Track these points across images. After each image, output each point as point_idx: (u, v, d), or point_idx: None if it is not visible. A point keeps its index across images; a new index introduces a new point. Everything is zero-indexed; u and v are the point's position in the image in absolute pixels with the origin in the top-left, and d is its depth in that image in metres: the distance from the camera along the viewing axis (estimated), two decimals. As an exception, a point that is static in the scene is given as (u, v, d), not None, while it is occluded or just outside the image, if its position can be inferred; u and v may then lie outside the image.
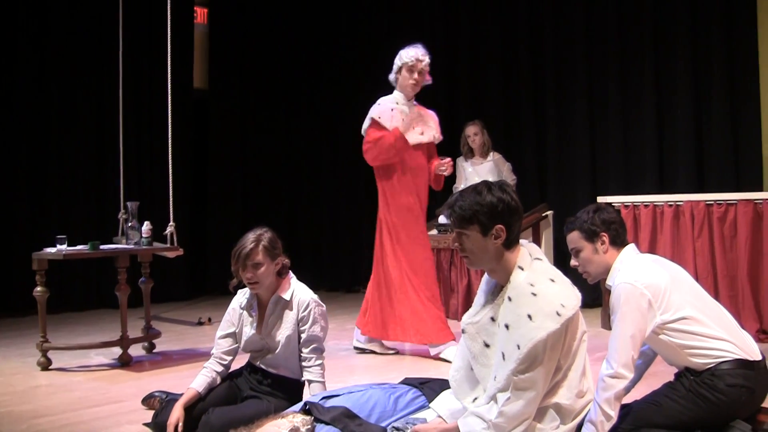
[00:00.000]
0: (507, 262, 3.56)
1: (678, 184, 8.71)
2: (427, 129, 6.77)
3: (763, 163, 8.47)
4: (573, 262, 4.05)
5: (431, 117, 6.88)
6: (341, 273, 11.64)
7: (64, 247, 6.36)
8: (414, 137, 6.67)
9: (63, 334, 7.79)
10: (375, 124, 6.68)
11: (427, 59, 6.63)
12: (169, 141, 7.26)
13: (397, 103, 6.70)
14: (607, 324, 7.77)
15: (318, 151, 11.84)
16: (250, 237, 4.50)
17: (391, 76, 6.77)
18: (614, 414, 3.57)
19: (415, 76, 6.59)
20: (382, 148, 6.59)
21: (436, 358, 6.54)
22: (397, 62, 6.67)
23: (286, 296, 4.52)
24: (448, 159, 6.73)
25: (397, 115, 6.64)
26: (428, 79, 6.72)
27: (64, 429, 4.77)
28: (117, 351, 6.67)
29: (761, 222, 7.04)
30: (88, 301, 9.98)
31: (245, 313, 4.64)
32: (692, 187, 8.53)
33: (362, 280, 11.47)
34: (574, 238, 4.01)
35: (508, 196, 3.56)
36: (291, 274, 4.65)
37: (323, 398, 4.04)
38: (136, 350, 6.93)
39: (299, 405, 4.06)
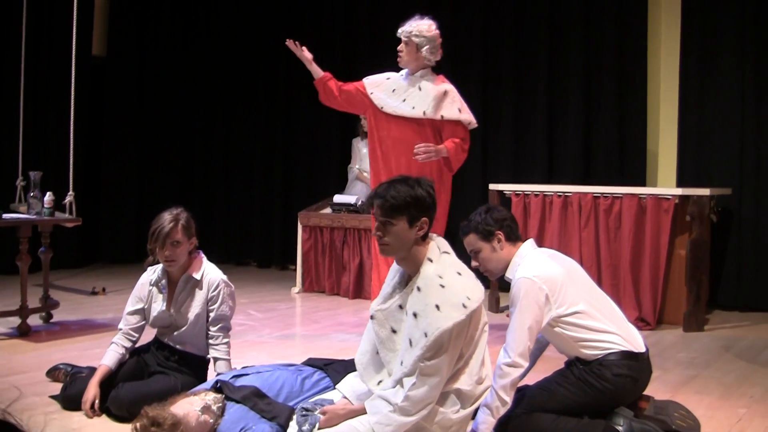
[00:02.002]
0: (418, 254, 3.78)
1: (565, 175, 9.03)
2: (420, 104, 6.23)
3: (647, 158, 8.85)
4: (473, 263, 4.25)
5: (432, 92, 6.25)
6: (231, 246, 11.72)
7: (-37, 214, 6.31)
8: (393, 106, 6.29)
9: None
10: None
11: (404, 29, 6.25)
12: (71, 108, 7.25)
13: (401, 75, 6.40)
14: (494, 307, 8.07)
15: (214, 122, 11.85)
16: (168, 216, 4.58)
17: None
18: (509, 400, 3.81)
19: (398, 47, 6.31)
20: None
21: None
22: None
23: (197, 276, 4.64)
24: (425, 144, 6.13)
25: (384, 82, 6.40)
26: (403, 51, 6.30)
27: (-33, 400, 4.74)
28: (13, 320, 6.66)
29: (644, 216, 7.39)
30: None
31: (155, 289, 4.73)
32: (579, 178, 8.86)
33: (253, 254, 11.60)
34: (471, 240, 4.21)
35: (433, 191, 3.82)
36: (202, 254, 4.76)
37: (233, 377, 4.18)
38: (33, 320, 6.89)
39: (210, 383, 4.20)
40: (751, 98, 8.23)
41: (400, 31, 6.29)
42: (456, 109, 6.31)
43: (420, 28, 6.25)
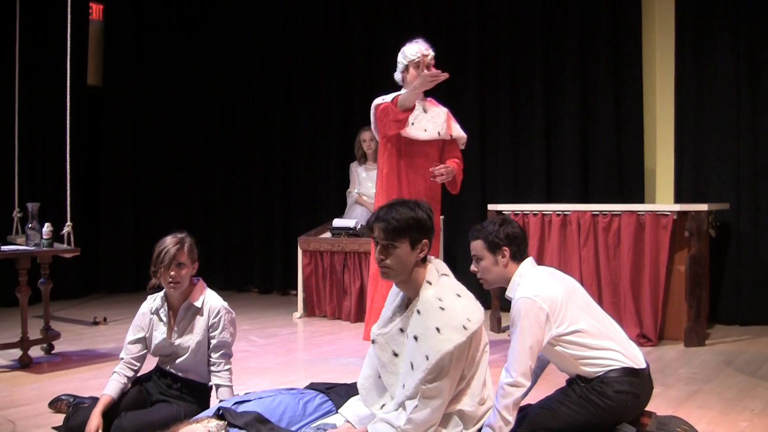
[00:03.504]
0: (418, 276, 3.80)
1: (564, 194, 9.05)
2: (432, 126, 6.33)
3: (645, 175, 8.87)
4: (473, 267, 4.27)
5: (441, 114, 6.46)
6: (232, 273, 11.73)
7: (-38, 247, 6.32)
8: (413, 132, 6.27)
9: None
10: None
11: (431, 53, 6.34)
12: (67, 139, 7.26)
13: None
14: (495, 327, 8.07)
15: (211, 149, 11.88)
16: (173, 239, 4.59)
17: (397, 76, 6.43)
18: (512, 419, 3.81)
19: (423, 72, 6.22)
20: (380, 115, 6.21)
21: None
22: (402, 61, 6.35)
23: (198, 303, 4.64)
24: (443, 165, 6.27)
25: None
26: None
27: (-30, 434, 4.75)
28: (14, 352, 6.65)
29: (643, 232, 7.40)
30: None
31: (156, 317, 4.73)
32: (578, 197, 8.88)
33: (254, 280, 11.59)
34: (477, 246, 4.22)
35: (432, 213, 3.86)
36: (202, 282, 4.77)
37: (236, 403, 4.17)
38: (35, 351, 6.86)
39: (213, 410, 4.19)
40: (747, 112, 8.25)
41: (431, 53, 6.36)
42: (459, 127, 6.48)
43: None
